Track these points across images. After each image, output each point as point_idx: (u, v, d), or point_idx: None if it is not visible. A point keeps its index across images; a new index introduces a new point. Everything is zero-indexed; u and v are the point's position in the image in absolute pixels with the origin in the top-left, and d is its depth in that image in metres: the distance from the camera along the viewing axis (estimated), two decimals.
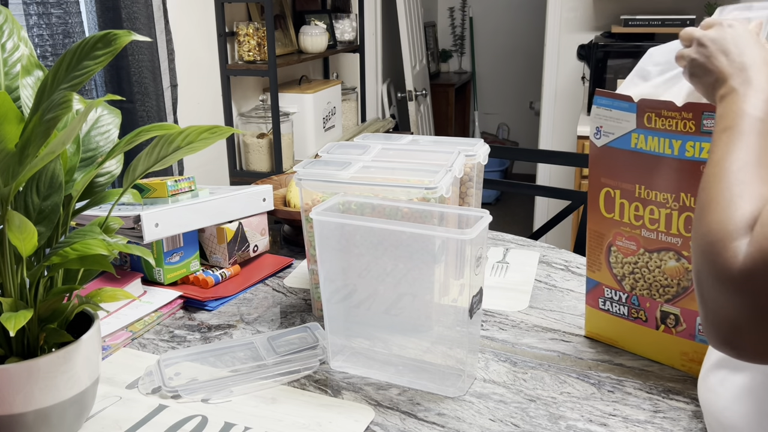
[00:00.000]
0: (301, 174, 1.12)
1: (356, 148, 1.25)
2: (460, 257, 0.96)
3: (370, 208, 1.07)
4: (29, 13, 1.45)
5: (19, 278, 0.80)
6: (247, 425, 0.88)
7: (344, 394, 0.95)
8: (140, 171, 0.85)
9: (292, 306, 1.24)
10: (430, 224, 1.05)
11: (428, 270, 0.98)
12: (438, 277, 0.98)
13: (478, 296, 0.96)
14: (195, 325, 1.17)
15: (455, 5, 5.07)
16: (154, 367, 1.00)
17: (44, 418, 0.79)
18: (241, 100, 2.43)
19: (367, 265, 1.02)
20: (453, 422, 0.88)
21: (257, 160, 2.36)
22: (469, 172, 1.27)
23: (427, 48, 4.22)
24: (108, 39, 0.75)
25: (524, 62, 5.00)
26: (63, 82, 0.73)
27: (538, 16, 3.99)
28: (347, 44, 2.96)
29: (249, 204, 1.36)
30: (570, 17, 3.16)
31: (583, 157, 2.17)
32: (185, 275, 1.29)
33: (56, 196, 0.81)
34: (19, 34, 0.84)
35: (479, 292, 0.97)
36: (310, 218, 1.13)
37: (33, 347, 0.83)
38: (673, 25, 2.69)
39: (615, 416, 0.89)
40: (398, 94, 3.78)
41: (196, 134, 0.83)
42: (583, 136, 2.63)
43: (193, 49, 2.12)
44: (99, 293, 0.84)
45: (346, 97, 2.96)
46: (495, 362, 1.03)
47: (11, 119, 0.68)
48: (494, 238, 1.57)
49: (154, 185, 1.28)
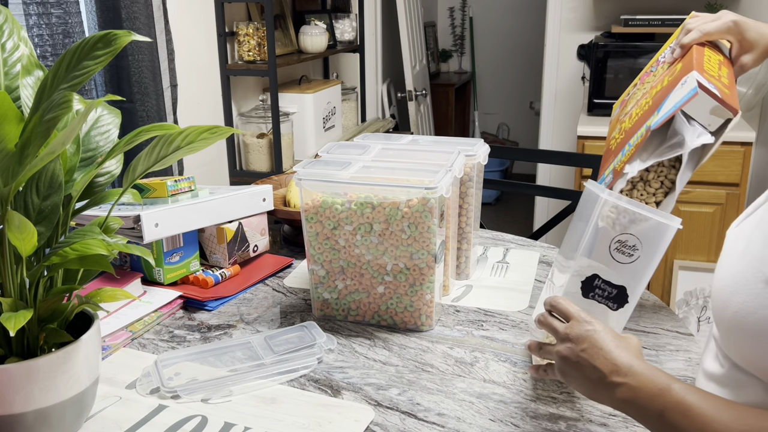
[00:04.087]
0: (301, 174, 1.12)
1: (356, 148, 1.25)
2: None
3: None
4: (29, 13, 1.45)
5: (19, 278, 0.80)
6: (247, 425, 0.88)
7: (344, 394, 0.95)
8: (140, 171, 0.85)
9: (292, 306, 1.24)
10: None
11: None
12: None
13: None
14: (195, 325, 1.17)
15: (455, 5, 5.07)
16: (151, 368, 1.00)
17: (44, 418, 0.79)
18: (241, 100, 2.43)
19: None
20: (453, 422, 0.88)
21: (257, 160, 2.36)
22: (469, 172, 1.27)
23: (427, 48, 4.22)
24: (108, 39, 0.74)
25: (524, 62, 5.00)
26: (63, 82, 0.73)
27: (538, 16, 3.98)
28: (347, 44, 2.96)
29: (249, 204, 1.36)
30: (570, 17, 3.16)
31: (583, 157, 2.17)
32: (185, 275, 1.29)
33: (56, 196, 0.81)
34: (19, 34, 0.84)
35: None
36: (310, 218, 1.13)
37: (33, 347, 0.83)
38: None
39: (615, 416, 0.89)
40: (398, 94, 3.78)
41: (196, 134, 0.83)
42: (583, 136, 2.63)
43: (193, 49, 2.12)
44: (99, 293, 0.84)
45: (346, 97, 2.95)
46: (495, 362, 1.03)
47: (11, 119, 0.68)
48: (494, 238, 1.57)
49: (154, 185, 1.28)
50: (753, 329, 0.69)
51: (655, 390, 0.71)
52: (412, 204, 1.06)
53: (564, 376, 0.81)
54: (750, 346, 0.71)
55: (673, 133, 0.92)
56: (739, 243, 0.75)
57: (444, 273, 1.20)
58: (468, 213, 1.30)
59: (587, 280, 0.89)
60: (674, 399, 0.69)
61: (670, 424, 0.69)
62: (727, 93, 0.91)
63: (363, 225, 1.10)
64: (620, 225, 0.84)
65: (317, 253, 1.15)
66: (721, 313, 0.74)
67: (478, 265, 1.40)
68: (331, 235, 1.13)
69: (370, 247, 1.11)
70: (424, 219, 1.07)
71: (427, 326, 1.14)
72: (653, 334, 1.09)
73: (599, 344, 0.77)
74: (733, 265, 0.74)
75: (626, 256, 0.86)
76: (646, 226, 0.83)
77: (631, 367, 0.73)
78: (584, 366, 0.77)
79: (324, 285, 1.17)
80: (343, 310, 1.18)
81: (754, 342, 0.70)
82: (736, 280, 0.72)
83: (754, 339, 0.69)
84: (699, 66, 0.94)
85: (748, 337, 0.70)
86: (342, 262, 1.14)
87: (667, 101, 0.93)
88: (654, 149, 0.95)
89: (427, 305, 1.12)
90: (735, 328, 0.72)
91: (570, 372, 0.79)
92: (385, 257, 1.11)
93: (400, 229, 1.08)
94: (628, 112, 1.11)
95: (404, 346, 1.09)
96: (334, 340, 1.08)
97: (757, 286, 0.69)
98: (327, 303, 1.18)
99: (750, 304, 0.69)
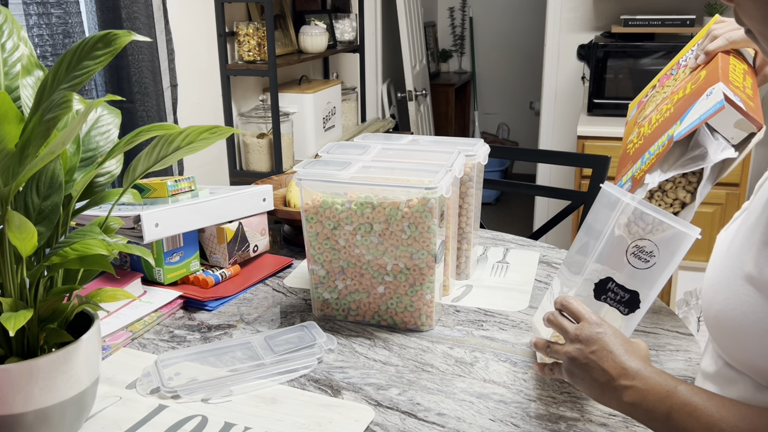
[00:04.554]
0: (301, 174, 1.12)
1: (356, 148, 1.25)
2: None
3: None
4: (29, 13, 1.45)
5: (19, 278, 0.80)
6: (247, 425, 0.88)
7: (344, 394, 0.95)
8: (140, 171, 0.85)
9: (292, 306, 1.24)
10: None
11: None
12: None
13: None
14: (195, 325, 1.17)
15: (455, 5, 5.06)
16: (151, 368, 1.00)
17: (44, 418, 0.79)
18: (241, 100, 2.43)
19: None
20: (453, 422, 0.88)
21: (257, 160, 2.36)
22: (469, 172, 1.27)
23: (427, 48, 4.22)
24: (108, 39, 0.74)
25: (524, 62, 5.00)
26: (63, 82, 0.73)
27: (538, 16, 3.99)
28: (347, 44, 2.96)
29: (249, 204, 1.36)
30: (570, 17, 3.16)
31: (583, 157, 2.17)
32: (185, 275, 1.29)
33: (56, 196, 0.81)
34: (19, 34, 0.84)
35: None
36: (310, 218, 1.13)
37: (33, 347, 0.83)
38: (673, 25, 2.69)
39: (615, 416, 0.89)
40: (398, 94, 3.78)
41: (196, 134, 0.83)
42: (583, 136, 2.63)
43: (193, 49, 2.12)
44: (99, 293, 0.84)
45: (346, 97, 2.95)
46: (495, 362, 1.03)
47: (11, 119, 0.68)
48: (494, 238, 1.57)
49: (154, 185, 1.28)
50: (734, 326, 0.71)
51: (662, 392, 0.71)
52: (412, 204, 1.06)
53: (571, 377, 0.81)
54: (733, 342, 0.72)
55: (696, 144, 0.92)
56: (724, 245, 0.77)
57: (444, 273, 1.20)
58: (468, 213, 1.30)
59: (601, 282, 0.89)
60: (681, 400, 0.70)
61: (677, 425, 0.70)
62: (752, 105, 0.90)
63: (363, 225, 1.10)
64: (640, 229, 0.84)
65: (317, 253, 1.15)
66: (707, 312, 0.76)
67: (478, 265, 1.40)
68: (331, 235, 1.13)
69: (370, 247, 1.11)
70: (424, 219, 1.07)
71: (427, 326, 1.14)
72: (653, 334, 1.09)
73: (609, 347, 0.77)
74: (718, 265, 0.76)
75: (643, 262, 0.85)
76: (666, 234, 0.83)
77: (639, 370, 0.74)
78: (593, 368, 0.77)
79: (324, 285, 1.17)
80: (343, 310, 1.18)
81: (736, 338, 0.71)
82: (719, 279, 0.74)
83: (736, 335, 0.71)
84: (725, 77, 0.93)
85: (731, 333, 0.72)
86: (342, 262, 1.14)
87: (691, 111, 0.91)
88: (675, 160, 0.94)
89: (427, 305, 1.12)
90: (719, 326, 0.74)
91: (578, 373, 0.79)
92: (385, 257, 1.11)
93: (400, 229, 1.08)
94: (647, 116, 1.10)
95: (404, 346, 1.09)
96: (334, 340, 1.08)
97: (736, 283, 0.71)
98: (327, 303, 1.18)
99: (731, 300, 0.71)
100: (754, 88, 0.99)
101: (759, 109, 0.92)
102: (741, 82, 0.95)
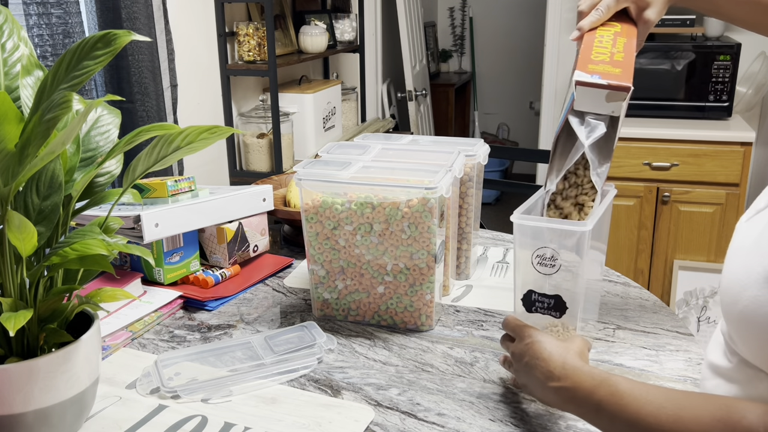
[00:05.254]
0: (301, 174, 1.12)
1: (356, 148, 1.25)
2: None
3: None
4: (29, 13, 1.45)
5: (19, 278, 0.80)
6: (247, 425, 0.88)
7: (344, 394, 0.95)
8: (140, 171, 0.85)
9: (292, 306, 1.24)
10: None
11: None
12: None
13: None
14: (195, 325, 1.17)
15: (455, 5, 5.07)
16: (151, 368, 1.00)
17: (44, 418, 0.79)
18: (241, 100, 2.43)
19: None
20: (453, 422, 0.88)
21: (257, 160, 2.36)
22: (469, 172, 1.27)
23: (427, 48, 4.22)
24: (108, 39, 0.75)
25: (524, 62, 5.00)
26: (63, 82, 0.73)
27: (538, 16, 3.99)
28: (347, 44, 2.96)
29: (249, 204, 1.36)
30: (570, 17, 3.16)
31: None
32: (185, 275, 1.29)
33: (56, 196, 0.81)
34: (19, 34, 0.84)
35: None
36: (310, 218, 1.13)
37: (33, 347, 0.83)
38: (673, 25, 2.69)
39: None
40: (398, 94, 3.78)
41: (195, 134, 0.83)
42: None
43: (193, 49, 2.12)
44: (99, 293, 0.84)
45: (346, 97, 2.95)
46: (495, 362, 1.03)
47: (11, 119, 0.68)
48: (494, 238, 1.57)
49: (154, 185, 1.28)
50: (764, 324, 0.68)
51: (589, 387, 0.74)
52: (412, 204, 1.06)
53: (525, 389, 0.87)
54: (760, 341, 0.70)
55: (572, 135, 0.95)
56: (751, 237, 0.74)
57: (444, 273, 1.20)
58: (468, 213, 1.30)
59: (525, 297, 0.96)
60: (608, 391, 0.72)
61: (608, 415, 0.71)
62: (617, 72, 0.90)
63: (363, 225, 1.10)
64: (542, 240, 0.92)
65: (317, 253, 1.15)
66: (730, 308, 0.74)
67: (478, 265, 1.40)
68: (331, 235, 1.13)
69: (370, 247, 1.11)
70: (424, 219, 1.07)
71: (427, 326, 1.14)
72: (653, 334, 1.09)
73: (536, 354, 0.81)
74: (745, 259, 0.73)
75: (549, 267, 0.92)
76: (560, 236, 0.90)
77: (564, 369, 0.77)
78: (530, 377, 0.82)
79: (324, 285, 1.17)
80: (343, 310, 1.18)
81: (764, 337, 0.69)
82: (748, 274, 0.71)
83: (764, 334, 0.69)
84: (584, 59, 0.94)
85: (759, 331, 0.69)
86: (342, 262, 1.14)
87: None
88: (564, 158, 0.99)
89: (427, 305, 1.12)
90: (745, 323, 0.71)
91: (526, 385, 0.84)
92: (385, 257, 1.11)
93: (400, 229, 1.08)
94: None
95: (404, 346, 1.09)
96: (334, 340, 1.08)
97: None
98: (327, 303, 1.18)
99: (761, 298, 0.68)
100: (629, 47, 0.98)
101: (629, 68, 0.92)
102: (608, 50, 0.96)
